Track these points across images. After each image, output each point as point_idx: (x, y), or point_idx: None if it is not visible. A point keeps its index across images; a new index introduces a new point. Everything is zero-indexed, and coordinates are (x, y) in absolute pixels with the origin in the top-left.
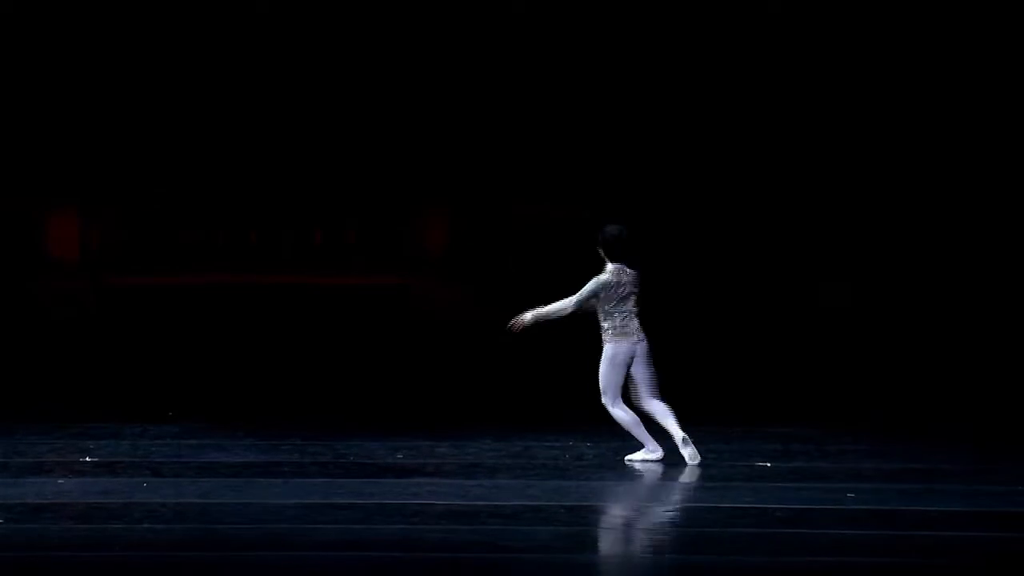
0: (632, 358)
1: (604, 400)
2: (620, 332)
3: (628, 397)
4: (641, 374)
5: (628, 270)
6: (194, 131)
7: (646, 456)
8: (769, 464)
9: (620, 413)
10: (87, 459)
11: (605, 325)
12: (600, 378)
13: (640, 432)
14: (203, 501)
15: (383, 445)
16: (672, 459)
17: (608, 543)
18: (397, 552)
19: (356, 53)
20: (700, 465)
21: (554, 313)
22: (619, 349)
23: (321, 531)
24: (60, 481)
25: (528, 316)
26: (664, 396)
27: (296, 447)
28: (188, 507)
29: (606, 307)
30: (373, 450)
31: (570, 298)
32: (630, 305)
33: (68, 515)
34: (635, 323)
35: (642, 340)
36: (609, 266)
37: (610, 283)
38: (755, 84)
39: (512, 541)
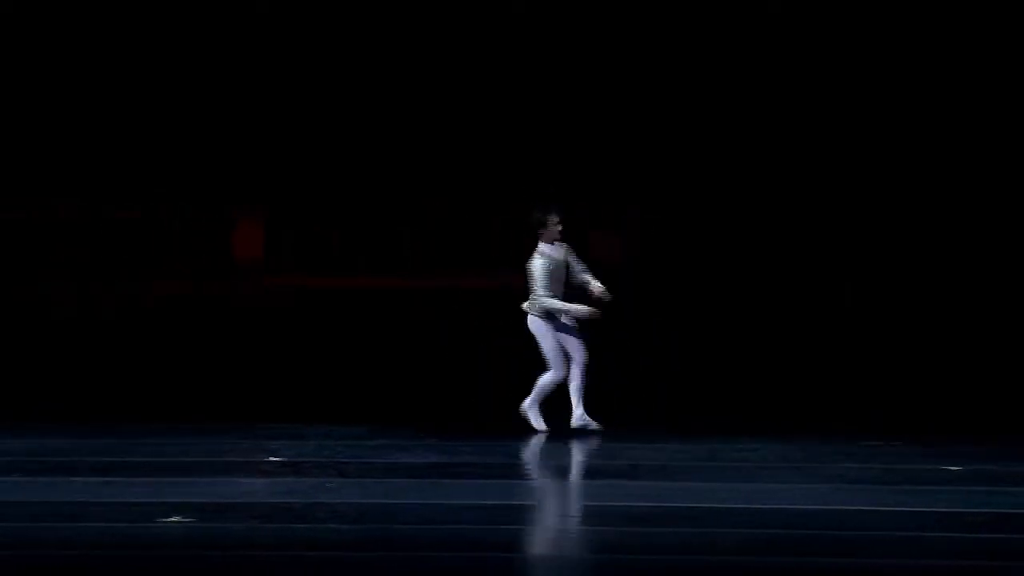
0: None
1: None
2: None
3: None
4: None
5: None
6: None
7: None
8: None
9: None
10: (273, 459)
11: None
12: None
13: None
14: (387, 501)
15: (567, 446)
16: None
17: (800, 545)
18: (584, 553)
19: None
20: (888, 467)
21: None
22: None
23: (503, 532)
24: (245, 480)
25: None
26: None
27: (478, 448)
28: (372, 507)
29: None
30: (556, 451)
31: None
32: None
33: (254, 514)
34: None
35: None
36: (546, 247)
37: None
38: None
39: (701, 543)
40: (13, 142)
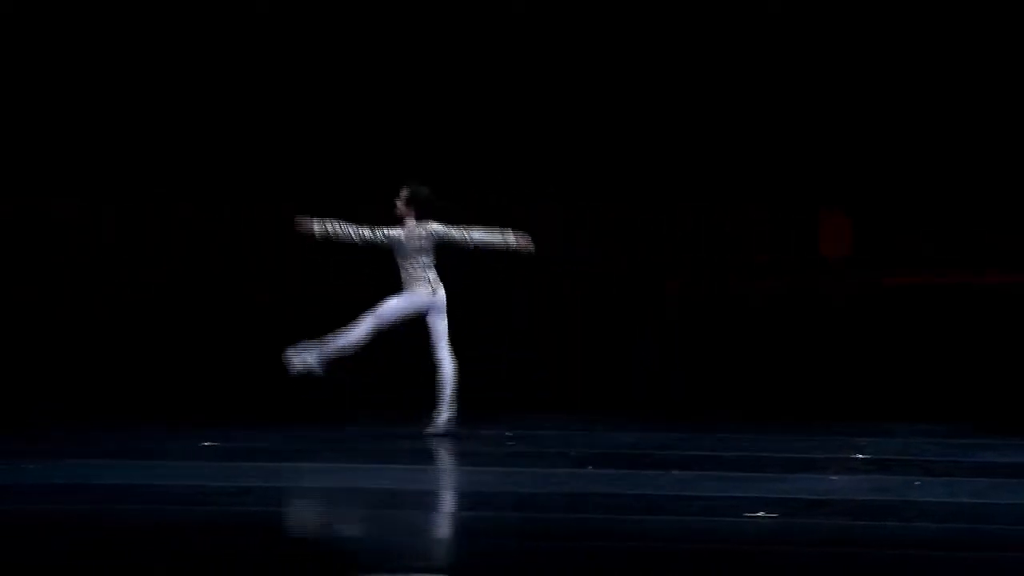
0: (427, 309)
1: (365, 318)
2: (414, 282)
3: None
4: (436, 325)
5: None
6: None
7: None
8: None
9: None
10: (859, 456)
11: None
12: (385, 306)
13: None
14: (975, 501)
15: None
16: None
17: None
18: None
19: None
20: None
21: (342, 235)
22: (414, 299)
23: None
24: (832, 477)
25: (316, 227)
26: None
27: None
28: (961, 507)
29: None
30: None
31: (364, 229)
32: (425, 258)
33: (841, 511)
34: (432, 275)
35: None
36: (411, 223)
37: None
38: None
39: None
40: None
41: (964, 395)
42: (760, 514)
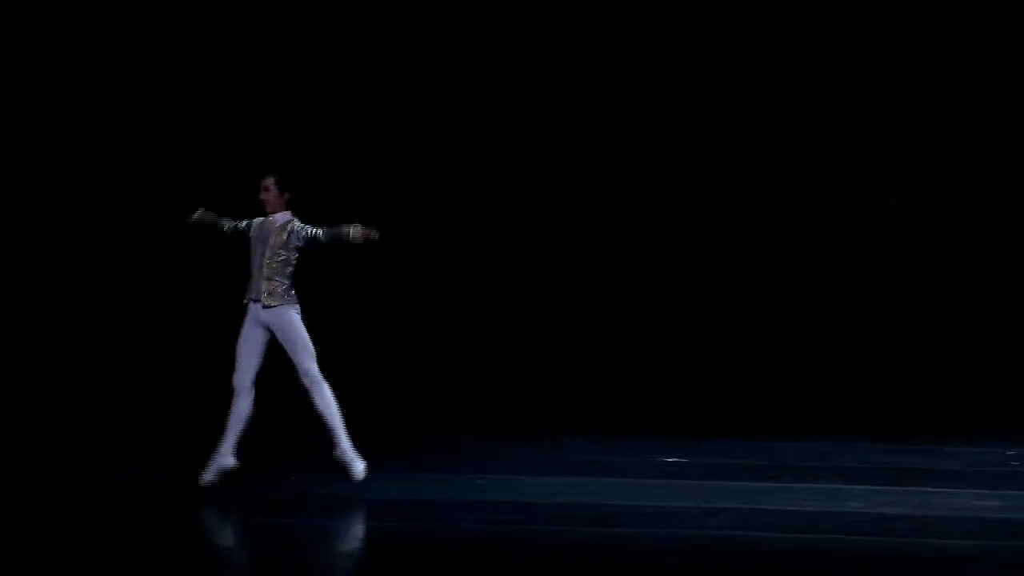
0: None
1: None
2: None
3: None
4: (285, 346)
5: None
6: None
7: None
8: None
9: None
10: None
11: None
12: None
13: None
14: None
15: None
16: None
17: None
18: None
19: None
20: None
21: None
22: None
23: None
24: None
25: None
26: None
27: None
28: None
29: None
30: None
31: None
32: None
33: None
34: (261, 285)
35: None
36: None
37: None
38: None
39: None
40: None
41: None
42: None
